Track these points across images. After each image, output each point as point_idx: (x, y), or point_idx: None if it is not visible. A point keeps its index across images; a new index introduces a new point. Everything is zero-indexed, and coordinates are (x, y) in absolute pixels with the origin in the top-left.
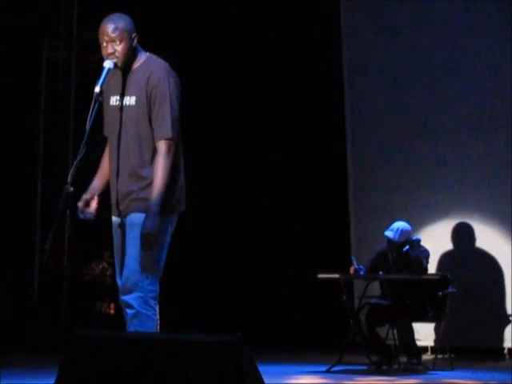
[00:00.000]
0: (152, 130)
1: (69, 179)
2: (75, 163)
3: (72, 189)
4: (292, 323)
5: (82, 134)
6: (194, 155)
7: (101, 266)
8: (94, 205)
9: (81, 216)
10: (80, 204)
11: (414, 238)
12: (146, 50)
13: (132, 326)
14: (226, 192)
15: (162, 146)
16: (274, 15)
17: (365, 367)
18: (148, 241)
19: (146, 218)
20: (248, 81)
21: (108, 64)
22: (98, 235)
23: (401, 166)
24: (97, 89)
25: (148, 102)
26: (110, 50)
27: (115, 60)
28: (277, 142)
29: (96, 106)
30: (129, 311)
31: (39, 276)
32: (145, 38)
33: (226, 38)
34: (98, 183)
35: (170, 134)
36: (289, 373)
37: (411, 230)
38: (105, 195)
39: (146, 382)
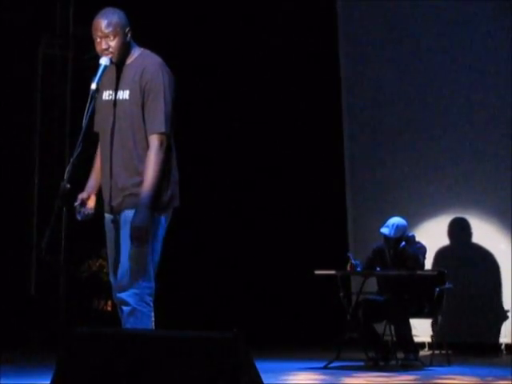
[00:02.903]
0: (145, 124)
1: (65, 176)
2: (72, 160)
3: (69, 185)
4: (289, 320)
5: (78, 131)
6: (191, 151)
7: (98, 263)
8: (91, 203)
9: (78, 216)
10: (77, 204)
11: (410, 234)
12: (142, 45)
13: (128, 324)
14: (224, 189)
15: (154, 140)
16: (272, 13)
17: (362, 363)
18: (138, 235)
19: (136, 212)
20: (247, 79)
21: (104, 61)
22: (95, 232)
23: (398, 163)
24: (93, 86)
25: (142, 95)
26: (103, 46)
27: (109, 56)
28: (274, 139)
29: (92, 102)
30: (124, 308)
31: (36, 273)
32: (141, 34)
33: (223, 35)
34: (93, 182)
35: (162, 128)
36: (286, 369)
37: (407, 225)
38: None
39: (144, 379)
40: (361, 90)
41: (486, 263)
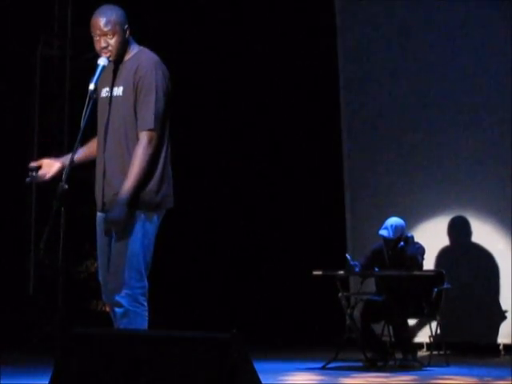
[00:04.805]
0: (136, 120)
1: (63, 176)
2: (70, 160)
3: (67, 186)
4: (288, 320)
5: (76, 131)
6: (189, 150)
7: (96, 264)
8: (49, 170)
9: (27, 179)
10: (32, 165)
11: (409, 234)
12: (140, 43)
13: (122, 325)
14: (223, 190)
15: (143, 137)
16: (272, 13)
17: (360, 364)
18: (111, 229)
19: (113, 206)
20: (246, 78)
21: (102, 61)
22: (93, 233)
23: (396, 163)
24: (91, 86)
25: (134, 92)
26: (103, 44)
27: (108, 54)
28: (273, 140)
29: (90, 103)
30: (118, 310)
31: (34, 274)
32: (140, 33)
33: (221, 34)
34: (74, 154)
35: (152, 125)
36: (284, 370)
37: (405, 224)
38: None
39: (142, 379)
40: (360, 91)
41: (485, 264)
